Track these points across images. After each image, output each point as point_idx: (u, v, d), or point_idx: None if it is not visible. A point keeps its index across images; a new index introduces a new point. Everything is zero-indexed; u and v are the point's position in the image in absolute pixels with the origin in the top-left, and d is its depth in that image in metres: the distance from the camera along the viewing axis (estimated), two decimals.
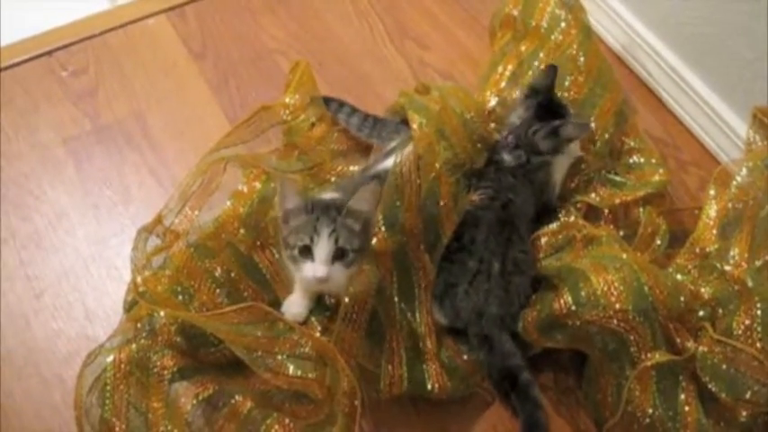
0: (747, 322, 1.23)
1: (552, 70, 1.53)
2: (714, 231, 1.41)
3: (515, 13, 1.72)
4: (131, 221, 1.65)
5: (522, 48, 1.68)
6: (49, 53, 1.97)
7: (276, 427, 1.28)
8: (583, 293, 1.25)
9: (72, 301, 1.55)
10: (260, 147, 1.60)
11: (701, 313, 1.32)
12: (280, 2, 2.10)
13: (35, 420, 1.40)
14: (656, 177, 1.58)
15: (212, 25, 2.04)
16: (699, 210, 1.48)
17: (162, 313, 1.32)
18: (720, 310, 1.30)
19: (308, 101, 1.62)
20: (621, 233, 1.52)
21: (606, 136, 1.60)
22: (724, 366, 1.22)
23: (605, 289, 1.23)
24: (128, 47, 2.00)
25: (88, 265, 1.60)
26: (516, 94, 1.62)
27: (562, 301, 1.27)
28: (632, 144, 1.65)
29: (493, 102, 1.63)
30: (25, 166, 1.76)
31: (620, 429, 1.29)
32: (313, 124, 1.62)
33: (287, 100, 1.62)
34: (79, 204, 1.69)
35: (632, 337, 1.24)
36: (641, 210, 1.54)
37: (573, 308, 1.26)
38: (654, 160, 1.63)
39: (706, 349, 1.25)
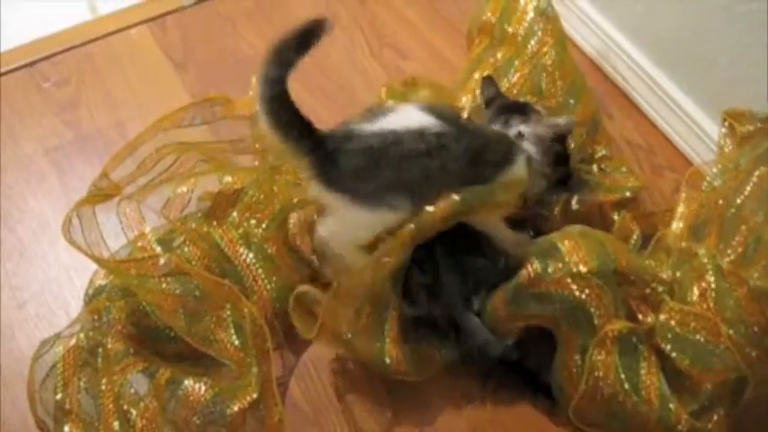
0: (704, 285, 1.29)
1: (490, 81, 1.58)
2: (683, 229, 1.44)
3: (493, 20, 1.74)
4: (113, 231, 1.66)
5: (499, 55, 1.71)
6: (31, 64, 1.98)
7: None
8: (550, 260, 1.31)
9: (55, 310, 1.57)
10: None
11: (660, 289, 1.36)
12: (260, 12, 2.12)
13: (21, 429, 1.41)
14: (630, 183, 1.62)
15: (193, 36, 2.06)
16: (671, 212, 1.50)
17: (116, 305, 1.39)
18: (677, 289, 1.35)
19: None
20: None
21: (579, 142, 1.62)
22: (686, 335, 1.27)
23: (570, 250, 1.30)
24: (109, 58, 2.01)
25: (70, 275, 1.61)
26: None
27: (530, 268, 1.32)
28: (603, 152, 1.68)
29: (467, 107, 1.66)
30: (9, 177, 1.77)
31: (585, 403, 1.32)
32: None
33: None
34: (62, 214, 1.67)
35: (594, 307, 1.29)
36: (616, 214, 1.57)
37: (540, 272, 1.31)
38: (624, 168, 1.67)
39: (665, 317, 1.30)
